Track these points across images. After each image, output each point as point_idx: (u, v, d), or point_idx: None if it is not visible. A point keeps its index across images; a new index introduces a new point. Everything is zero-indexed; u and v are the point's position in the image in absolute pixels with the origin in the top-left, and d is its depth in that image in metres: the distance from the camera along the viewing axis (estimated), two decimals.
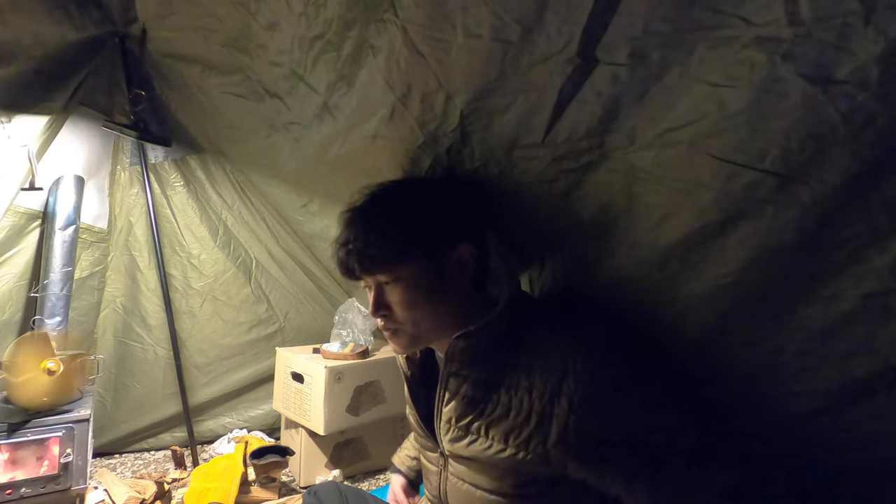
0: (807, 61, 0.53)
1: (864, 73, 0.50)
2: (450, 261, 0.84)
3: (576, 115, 0.74)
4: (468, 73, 0.82)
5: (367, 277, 0.87)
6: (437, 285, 0.83)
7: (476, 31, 0.75)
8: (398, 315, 0.85)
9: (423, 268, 0.82)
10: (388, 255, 0.82)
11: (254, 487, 1.75)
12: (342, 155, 1.31)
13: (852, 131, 0.53)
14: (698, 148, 0.65)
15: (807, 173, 0.58)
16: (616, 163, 0.76)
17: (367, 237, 0.82)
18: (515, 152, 0.86)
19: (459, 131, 0.92)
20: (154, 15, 1.58)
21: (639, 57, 0.63)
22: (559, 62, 0.70)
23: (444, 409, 0.88)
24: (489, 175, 0.95)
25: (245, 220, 2.20)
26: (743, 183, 0.63)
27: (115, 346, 2.09)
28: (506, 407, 0.80)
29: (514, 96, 0.80)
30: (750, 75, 0.57)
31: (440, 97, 0.90)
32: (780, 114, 0.57)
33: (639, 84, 0.66)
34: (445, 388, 0.87)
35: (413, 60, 0.88)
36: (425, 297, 0.83)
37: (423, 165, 1.06)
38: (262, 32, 1.23)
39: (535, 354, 0.80)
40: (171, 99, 1.92)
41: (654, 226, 0.75)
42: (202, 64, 1.58)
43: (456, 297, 0.85)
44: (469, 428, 0.84)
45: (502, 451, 0.80)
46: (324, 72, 1.16)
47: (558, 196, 0.86)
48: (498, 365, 0.82)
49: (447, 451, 0.89)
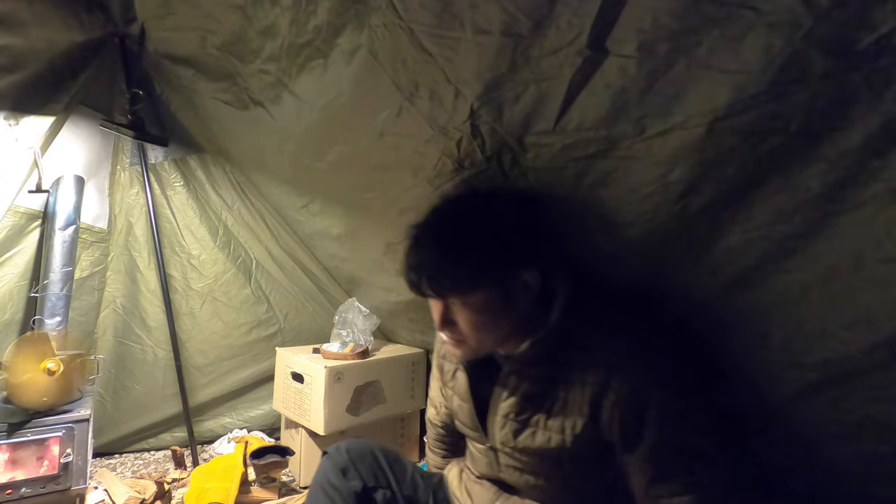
0: (828, 38, 0.55)
1: (885, 41, 0.53)
2: (516, 286, 0.89)
3: (585, 104, 0.77)
4: (478, 67, 0.83)
5: (436, 298, 0.91)
6: (504, 308, 0.89)
7: (485, 27, 0.77)
8: (463, 331, 0.90)
9: (491, 295, 0.88)
10: (461, 285, 0.87)
11: (254, 487, 1.74)
12: (346, 154, 1.31)
13: (874, 92, 0.57)
14: (720, 128, 0.67)
15: (831, 133, 0.62)
16: (626, 151, 0.78)
17: (441, 264, 0.87)
18: (527, 138, 0.89)
19: (470, 124, 0.93)
20: (153, 14, 1.58)
21: (647, 49, 0.65)
22: (569, 54, 0.72)
23: (502, 404, 0.94)
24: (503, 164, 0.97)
25: (245, 221, 2.20)
26: (769, 147, 0.66)
27: (115, 346, 2.09)
28: (562, 401, 0.88)
29: (524, 86, 0.82)
30: (769, 58, 0.59)
31: (449, 92, 0.91)
32: (803, 86, 0.60)
33: (647, 76, 0.68)
34: (504, 385, 0.94)
35: (420, 59, 0.89)
36: (490, 319, 0.89)
37: (433, 159, 1.07)
38: (257, 37, 1.24)
39: (588, 353, 0.87)
40: (170, 99, 1.92)
41: (678, 199, 0.78)
42: (194, 68, 1.59)
43: (518, 315, 0.90)
44: (528, 421, 0.91)
45: (562, 441, 0.88)
46: (311, 78, 1.16)
47: (569, 183, 0.89)
48: (555, 363, 0.90)
49: (499, 445, 0.96)
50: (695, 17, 0.60)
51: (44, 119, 1.67)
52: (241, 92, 1.47)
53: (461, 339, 0.91)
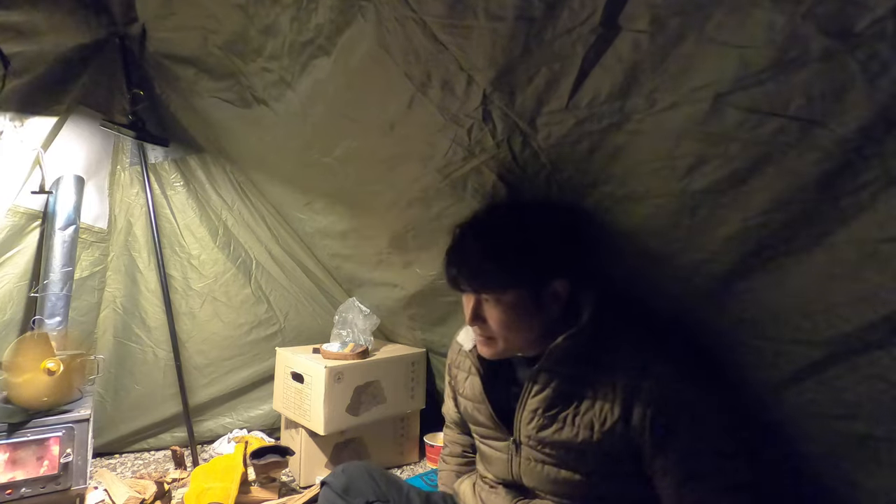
0: (826, 18, 0.56)
1: (881, 25, 0.54)
2: (547, 292, 0.95)
3: (598, 80, 0.78)
4: (491, 53, 0.85)
5: (471, 293, 0.97)
6: (533, 311, 0.95)
7: (499, 14, 0.78)
8: (494, 328, 0.96)
9: (523, 296, 0.94)
10: (496, 283, 0.93)
11: (254, 487, 1.74)
12: (354, 148, 1.32)
13: (869, 78, 0.57)
14: (724, 103, 0.68)
15: (828, 117, 0.62)
16: (638, 124, 0.79)
17: (480, 263, 0.94)
18: (539, 119, 0.90)
19: (482, 110, 0.94)
20: (154, 15, 1.58)
21: (658, 24, 0.66)
22: (583, 32, 0.73)
23: (531, 400, 0.97)
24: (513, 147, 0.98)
25: (245, 221, 2.20)
26: (769, 130, 0.67)
27: (115, 346, 2.08)
28: (592, 400, 0.92)
29: (536, 69, 0.83)
30: (770, 35, 0.60)
31: (461, 80, 0.92)
32: (802, 66, 0.61)
33: (659, 50, 0.69)
34: (535, 382, 0.97)
35: (433, 49, 0.90)
36: (519, 321, 0.95)
37: (443, 147, 1.08)
38: (258, 36, 1.24)
39: (617, 355, 0.92)
40: (170, 99, 1.93)
41: (684, 175, 0.79)
42: (196, 67, 1.59)
43: (547, 320, 0.96)
44: (556, 417, 0.94)
45: (590, 437, 0.91)
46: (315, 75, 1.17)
47: (581, 157, 0.90)
48: (585, 363, 0.93)
49: (524, 439, 0.98)
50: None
51: (47, 120, 1.68)
52: (243, 90, 1.47)
53: (490, 335, 0.97)
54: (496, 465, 1.06)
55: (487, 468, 1.10)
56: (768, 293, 0.83)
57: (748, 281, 0.84)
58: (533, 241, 0.94)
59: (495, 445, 1.05)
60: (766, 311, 0.85)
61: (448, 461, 1.30)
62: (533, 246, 0.93)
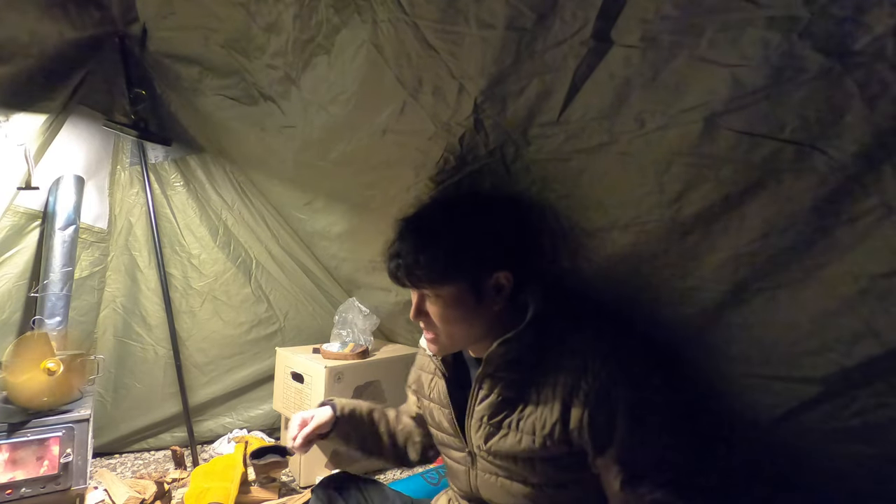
0: (823, 37, 0.54)
1: (880, 44, 0.52)
2: (488, 285, 0.91)
3: (589, 95, 0.76)
4: (482, 62, 0.83)
5: (412, 288, 0.95)
6: (474, 306, 0.91)
7: (490, 22, 0.77)
8: (436, 324, 0.93)
9: (462, 290, 0.90)
10: (433, 276, 0.90)
11: (254, 487, 1.74)
12: (348, 153, 1.31)
13: (868, 100, 0.55)
14: (715, 124, 0.66)
15: (824, 142, 0.60)
16: (627, 145, 0.77)
17: (417, 256, 0.90)
18: (531, 131, 0.88)
19: (473, 119, 0.93)
20: (155, 14, 1.58)
21: (650, 40, 0.65)
22: (574, 45, 0.72)
23: (477, 407, 0.95)
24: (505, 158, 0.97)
25: (245, 220, 2.20)
26: (763, 153, 0.65)
27: (115, 345, 2.09)
28: (535, 403, 0.89)
29: (528, 80, 0.81)
30: (765, 53, 0.58)
31: (453, 88, 0.91)
32: (798, 86, 0.58)
33: (650, 67, 0.67)
34: (480, 387, 0.95)
35: (425, 54, 0.89)
36: (461, 315, 0.92)
37: (435, 156, 1.07)
38: (261, 34, 1.23)
39: (560, 356, 0.89)
40: (171, 99, 1.92)
41: (675, 200, 0.77)
42: (201, 65, 1.59)
43: (490, 315, 0.93)
44: (501, 424, 0.92)
45: (531, 442, 0.88)
46: (317, 74, 1.16)
47: (573, 176, 0.89)
48: (528, 366, 0.91)
49: (476, 449, 0.97)
50: (697, 8, 0.59)
51: (36, 117, 1.66)
52: (249, 87, 1.46)
53: (434, 331, 0.95)
54: (459, 478, 1.04)
55: (453, 482, 1.08)
56: (760, 328, 0.81)
57: (739, 313, 0.82)
58: (470, 233, 0.91)
59: (455, 456, 1.03)
60: (758, 344, 0.83)
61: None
62: (470, 238, 0.90)
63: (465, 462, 1.01)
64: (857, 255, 0.65)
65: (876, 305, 0.67)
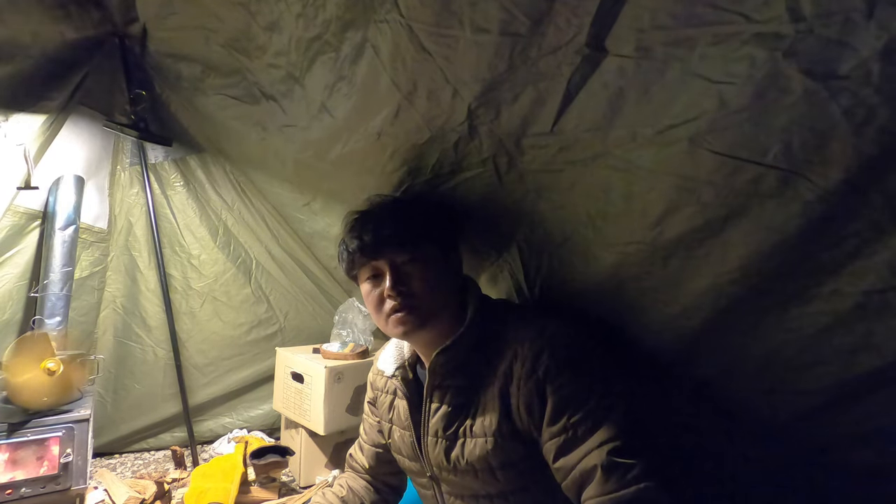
0: (809, 57, 0.53)
1: (865, 68, 0.50)
2: (452, 258, 0.98)
3: (584, 105, 0.75)
4: (476, 67, 0.82)
5: (383, 260, 0.93)
6: (446, 272, 0.96)
7: (484, 26, 0.76)
8: (416, 289, 0.91)
9: (436, 255, 0.94)
10: (411, 238, 0.93)
11: (254, 487, 1.74)
12: (345, 154, 1.31)
13: (854, 126, 0.54)
14: (699, 144, 0.65)
15: (809, 168, 0.59)
16: (617, 160, 0.76)
17: (392, 223, 0.94)
18: (525, 140, 0.88)
19: (467, 125, 0.93)
20: (155, 15, 1.58)
21: (644, 50, 0.64)
22: (568, 53, 0.71)
23: (431, 421, 0.94)
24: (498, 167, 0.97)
25: (245, 220, 2.20)
26: (745, 178, 0.64)
27: (115, 346, 2.09)
28: (481, 403, 0.89)
29: (522, 87, 0.81)
30: (751, 71, 0.57)
31: (447, 92, 0.90)
32: (782, 109, 0.57)
33: (643, 78, 0.66)
34: (431, 400, 0.94)
35: (419, 58, 0.88)
36: (440, 278, 0.94)
37: (430, 161, 1.07)
38: (262, 33, 1.23)
39: (497, 351, 0.90)
40: (171, 99, 1.92)
41: (656, 222, 0.76)
42: (203, 64, 1.59)
43: (454, 290, 0.97)
44: (457, 434, 0.91)
45: (485, 443, 0.88)
46: (321, 73, 1.16)
47: (565, 188, 0.88)
48: (473, 369, 0.92)
49: (436, 471, 0.96)
50: (691, 19, 0.58)
51: (35, 117, 1.66)
52: (251, 86, 1.45)
53: (413, 302, 0.91)
54: (430, 502, 1.02)
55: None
56: (747, 349, 0.80)
57: (724, 336, 0.81)
58: (432, 209, 1.03)
59: (421, 482, 1.02)
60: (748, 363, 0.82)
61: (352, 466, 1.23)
62: (432, 214, 1.00)
63: (431, 487, 1.00)
64: (841, 280, 0.64)
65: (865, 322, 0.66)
